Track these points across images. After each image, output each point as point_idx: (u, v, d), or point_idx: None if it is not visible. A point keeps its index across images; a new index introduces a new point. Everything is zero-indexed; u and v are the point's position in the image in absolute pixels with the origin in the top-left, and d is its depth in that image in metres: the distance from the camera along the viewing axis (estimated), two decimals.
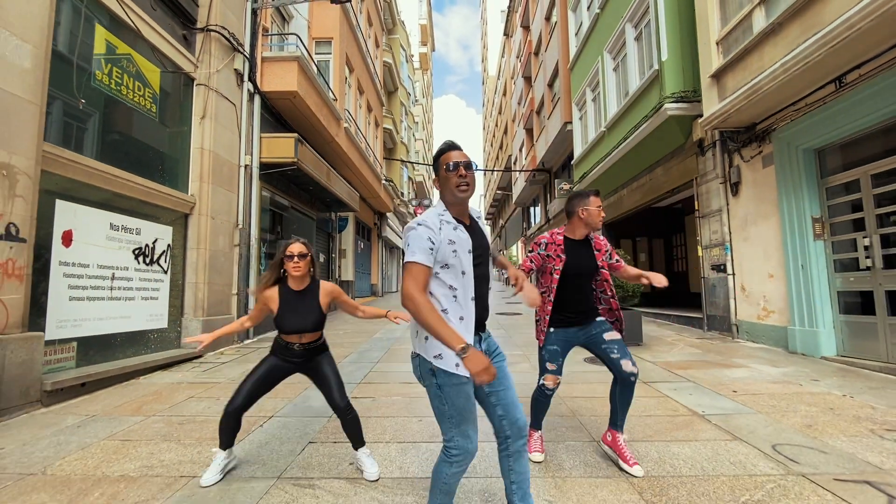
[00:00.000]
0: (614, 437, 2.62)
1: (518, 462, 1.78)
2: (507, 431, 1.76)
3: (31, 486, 2.40)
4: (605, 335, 2.60)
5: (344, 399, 2.52)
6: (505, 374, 1.80)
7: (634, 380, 2.54)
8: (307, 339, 2.55)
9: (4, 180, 3.49)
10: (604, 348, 2.58)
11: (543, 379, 2.68)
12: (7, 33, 3.56)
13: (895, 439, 2.90)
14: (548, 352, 2.66)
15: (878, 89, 4.52)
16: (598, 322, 2.66)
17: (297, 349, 2.54)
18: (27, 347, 3.61)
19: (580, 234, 2.65)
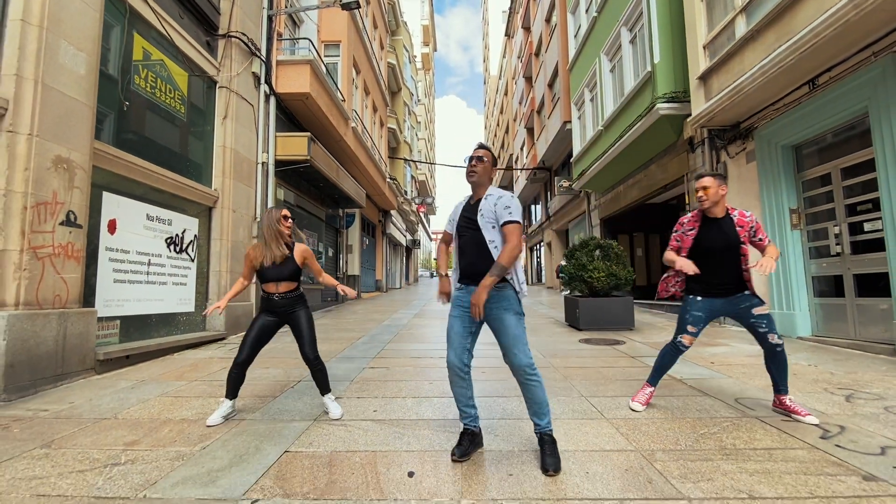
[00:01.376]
0: (780, 399, 2.91)
1: (525, 389, 2.29)
2: (509, 367, 2.31)
3: (107, 426, 2.88)
4: (755, 310, 2.82)
5: (314, 352, 3.01)
6: (504, 323, 2.28)
7: (781, 349, 2.81)
8: (283, 287, 3.01)
9: (66, 173, 3.97)
10: (752, 322, 2.83)
11: (681, 337, 2.96)
12: (66, 43, 4.04)
13: (843, 395, 3.36)
14: (692, 316, 2.93)
15: (846, 90, 4.96)
16: (744, 296, 2.86)
17: (277, 298, 2.99)
18: (84, 321, 4.10)
19: (713, 213, 2.87)
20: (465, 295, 2.38)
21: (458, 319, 2.38)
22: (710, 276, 2.89)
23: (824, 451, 2.34)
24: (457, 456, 2.27)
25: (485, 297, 2.15)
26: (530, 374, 2.25)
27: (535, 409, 2.28)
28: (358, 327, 7.74)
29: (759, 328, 2.83)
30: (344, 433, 2.71)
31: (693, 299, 2.97)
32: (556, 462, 2.15)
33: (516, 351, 2.25)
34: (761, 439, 2.52)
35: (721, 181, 2.88)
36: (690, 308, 2.96)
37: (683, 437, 2.57)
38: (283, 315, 3.05)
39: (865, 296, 5.04)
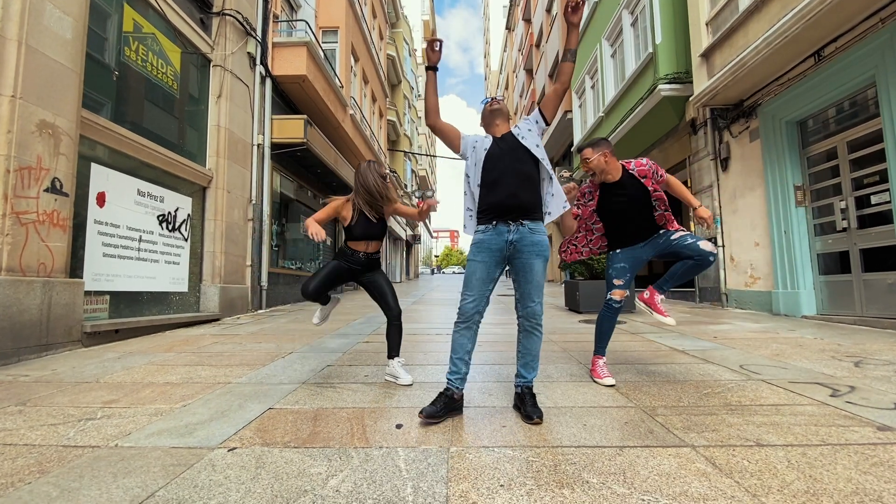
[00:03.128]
0: (652, 293, 2.83)
1: (527, 339, 2.21)
2: (521, 312, 2.22)
3: (87, 388, 2.77)
4: (673, 236, 2.72)
5: (398, 307, 2.91)
6: (532, 269, 2.17)
7: (713, 259, 2.60)
8: (372, 247, 2.92)
9: (50, 139, 3.86)
10: (675, 242, 2.69)
11: (610, 294, 2.87)
12: (52, 6, 3.93)
13: (852, 361, 3.24)
14: (614, 269, 2.87)
15: (852, 59, 4.84)
16: (661, 235, 2.81)
17: (363, 257, 2.88)
18: (70, 291, 3.99)
19: (608, 178, 2.82)
20: (494, 238, 2.17)
21: (482, 265, 2.17)
22: (623, 230, 2.87)
23: (835, 407, 2.22)
24: (425, 414, 2.02)
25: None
26: (539, 324, 2.19)
27: (527, 361, 2.19)
28: (356, 311, 7.64)
29: (687, 241, 2.64)
30: (332, 393, 2.60)
31: (613, 254, 2.93)
32: (540, 412, 2.06)
33: (537, 298, 2.18)
34: (768, 397, 2.41)
35: (601, 148, 2.78)
36: (612, 262, 2.91)
37: (687, 396, 2.45)
38: (359, 272, 2.93)
39: (872, 271, 4.92)
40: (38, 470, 1.62)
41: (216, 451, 1.78)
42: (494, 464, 1.63)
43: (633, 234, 2.86)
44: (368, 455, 1.72)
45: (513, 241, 2.16)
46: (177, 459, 1.70)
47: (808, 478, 1.48)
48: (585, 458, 1.67)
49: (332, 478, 1.54)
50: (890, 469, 1.54)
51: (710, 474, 1.52)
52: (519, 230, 2.16)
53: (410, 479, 1.52)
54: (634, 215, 2.82)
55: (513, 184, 2.16)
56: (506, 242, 2.16)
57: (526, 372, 2.19)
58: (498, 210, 2.17)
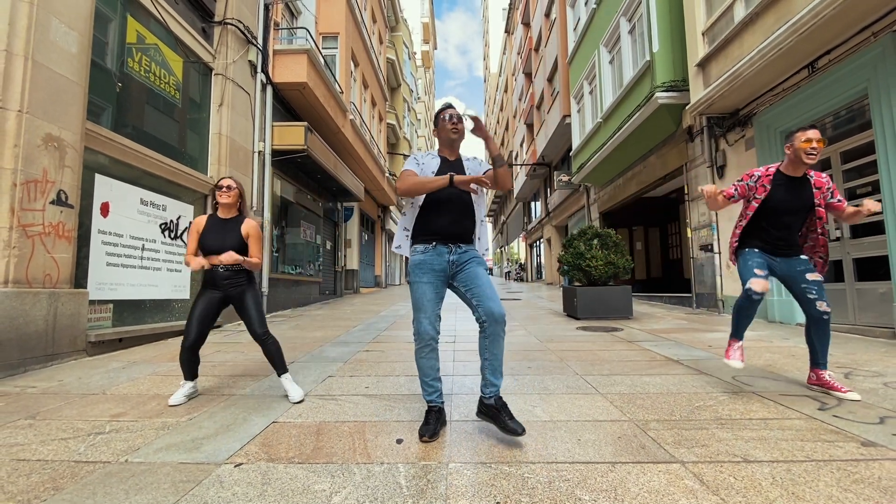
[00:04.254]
0: (818, 375, 2.75)
1: (493, 344, 2.16)
2: (483, 318, 2.16)
3: (95, 400, 2.84)
4: (808, 275, 2.68)
5: (262, 327, 2.82)
6: (478, 276, 2.23)
7: (828, 318, 2.65)
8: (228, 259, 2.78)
9: (56, 152, 3.93)
10: (803, 287, 2.67)
11: (750, 283, 2.65)
12: (57, 21, 4.00)
13: (842, 373, 3.30)
14: (754, 262, 2.70)
15: (845, 72, 4.91)
16: (801, 259, 2.73)
17: (222, 270, 2.78)
18: (75, 302, 4.05)
19: (795, 171, 2.67)
20: (436, 258, 2.25)
21: (430, 286, 2.22)
22: (773, 235, 2.74)
23: (822, 421, 2.29)
24: (428, 436, 2.10)
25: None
26: (503, 323, 2.16)
27: (496, 366, 2.16)
28: (355, 317, 7.70)
29: (810, 293, 2.67)
30: (334, 406, 2.66)
31: (750, 251, 2.80)
32: (521, 424, 2.05)
33: (496, 298, 2.18)
34: (757, 411, 2.48)
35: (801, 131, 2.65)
36: (750, 257, 2.76)
37: (679, 409, 2.52)
38: (227, 291, 2.83)
39: (865, 280, 4.99)
40: (52, 487, 1.69)
41: (223, 467, 1.84)
42: (491, 480, 1.70)
43: (782, 243, 2.75)
44: (370, 471, 1.79)
45: (453, 260, 2.26)
46: (185, 475, 1.77)
47: (791, 495, 1.55)
48: (579, 475, 1.74)
49: (335, 494, 1.60)
50: (870, 486, 1.61)
51: (698, 491, 1.59)
52: (457, 251, 2.28)
53: (411, 496, 1.59)
54: (791, 221, 2.72)
55: (458, 210, 2.27)
56: (447, 263, 2.25)
57: (495, 379, 2.17)
58: (441, 234, 2.26)
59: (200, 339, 2.78)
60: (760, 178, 2.78)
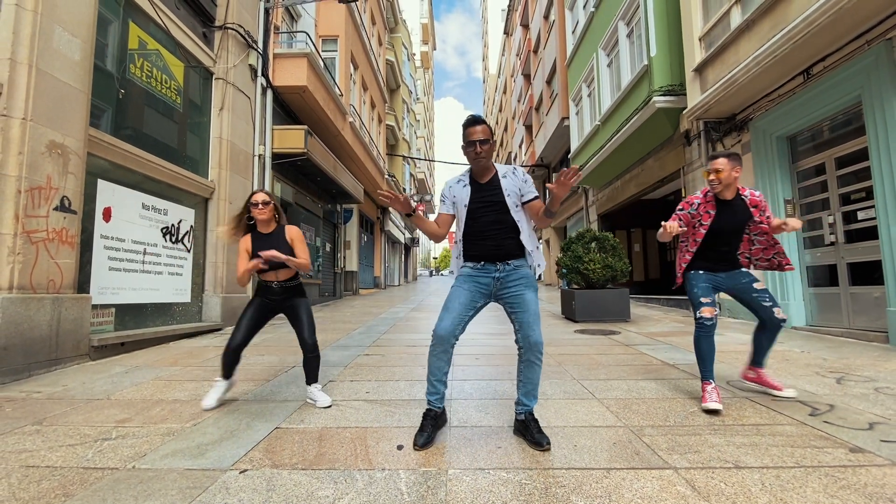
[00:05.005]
0: (759, 373, 2.92)
1: (528, 369, 2.23)
2: (521, 344, 2.23)
3: (100, 406, 2.88)
4: (755, 284, 2.82)
5: (312, 339, 2.88)
6: (526, 301, 2.23)
7: (783, 324, 2.81)
8: (283, 275, 2.87)
9: (60, 159, 3.97)
10: (755, 296, 2.81)
11: (700, 312, 2.81)
12: (60, 29, 4.04)
13: (834, 378, 3.37)
14: (699, 288, 2.85)
15: (839, 79, 4.97)
16: (742, 272, 2.88)
17: (276, 286, 2.85)
18: (78, 306, 4.10)
19: (725, 195, 2.81)
20: (482, 274, 2.27)
21: (466, 291, 2.26)
22: (714, 255, 2.87)
23: (812, 427, 2.35)
24: (420, 444, 2.11)
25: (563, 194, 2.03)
26: (540, 353, 2.22)
27: (529, 390, 2.24)
28: (355, 319, 7.75)
29: (764, 302, 2.80)
30: (335, 412, 2.71)
31: (695, 274, 2.92)
32: (547, 438, 2.12)
33: (536, 328, 2.20)
34: (750, 416, 2.53)
35: (735, 162, 2.77)
36: (695, 282, 2.90)
37: (673, 415, 2.58)
38: (280, 303, 2.91)
39: (859, 284, 5.06)
40: (62, 493, 1.73)
41: (228, 473, 1.89)
42: (489, 486, 1.75)
43: (720, 258, 2.88)
44: (372, 478, 1.84)
45: (499, 277, 2.26)
46: (192, 482, 1.82)
47: (780, 501, 1.61)
48: (574, 481, 1.79)
49: (338, 501, 1.65)
50: (856, 492, 1.67)
51: (689, 497, 1.64)
52: (505, 268, 2.27)
53: (412, 502, 1.64)
54: (731, 240, 2.86)
55: (499, 234, 2.27)
56: (492, 279, 2.26)
57: (528, 400, 2.26)
58: (490, 255, 2.27)
59: (245, 342, 2.86)
60: (701, 205, 2.88)
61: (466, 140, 2.22)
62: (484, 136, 2.19)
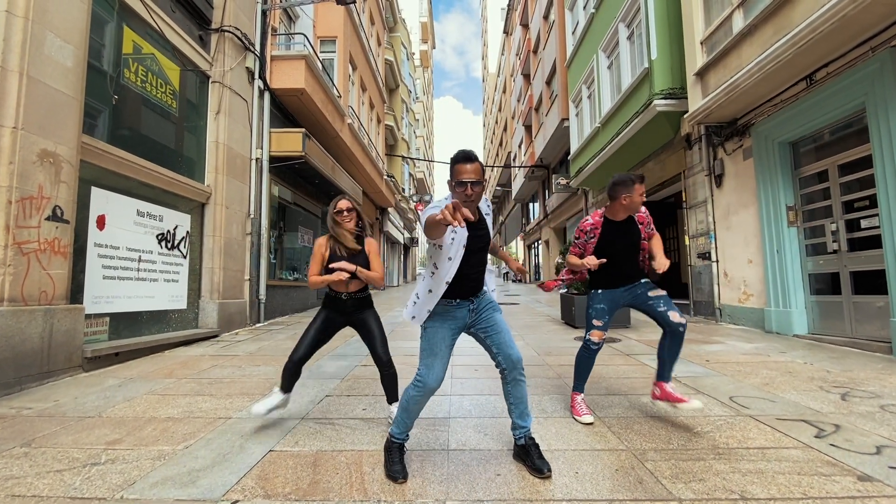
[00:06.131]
0: (662, 388, 2.78)
1: (515, 388, 2.19)
2: (504, 365, 2.18)
3: (90, 425, 2.82)
4: (650, 292, 2.81)
5: (387, 354, 2.75)
6: (497, 322, 2.21)
7: (683, 330, 2.69)
8: (353, 287, 2.72)
9: (52, 167, 3.90)
10: (650, 304, 2.78)
11: (589, 334, 2.88)
12: (52, 35, 3.97)
13: (839, 393, 3.31)
14: (595, 310, 2.88)
15: (843, 86, 4.91)
16: (642, 283, 2.88)
17: (346, 298, 2.71)
18: (71, 317, 4.03)
19: (621, 217, 2.84)
20: (457, 309, 2.14)
21: (448, 331, 2.12)
22: (613, 269, 2.88)
23: (818, 451, 2.30)
24: (402, 478, 2.03)
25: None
26: (523, 369, 2.20)
27: (522, 410, 2.21)
28: None
29: (659, 307, 2.75)
30: (331, 432, 2.66)
31: (595, 293, 2.94)
32: (548, 464, 2.07)
33: (513, 345, 2.19)
34: (755, 438, 2.48)
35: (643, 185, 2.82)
36: (593, 302, 2.93)
37: (676, 437, 2.52)
38: (350, 316, 2.77)
39: (862, 293, 5.00)
40: None
41: None
42: None
43: (620, 276, 2.90)
44: None
45: (473, 309, 2.19)
46: None
47: None
48: None
49: None
50: None
51: None
52: (476, 301, 2.19)
53: None
54: (628, 257, 2.89)
55: (480, 271, 2.19)
56: (468, 311, 2.17)
57: (524, 422, 2.21)
58: (468, 291, 2.16)
59: (308, 356, 2.73)
60: (591, 230, 2.87)
61: (456, 179, 2.00)
62: (476, 176, 1.99)
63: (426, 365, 2.11)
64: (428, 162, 37.20)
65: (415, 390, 2.12)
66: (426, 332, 2.14)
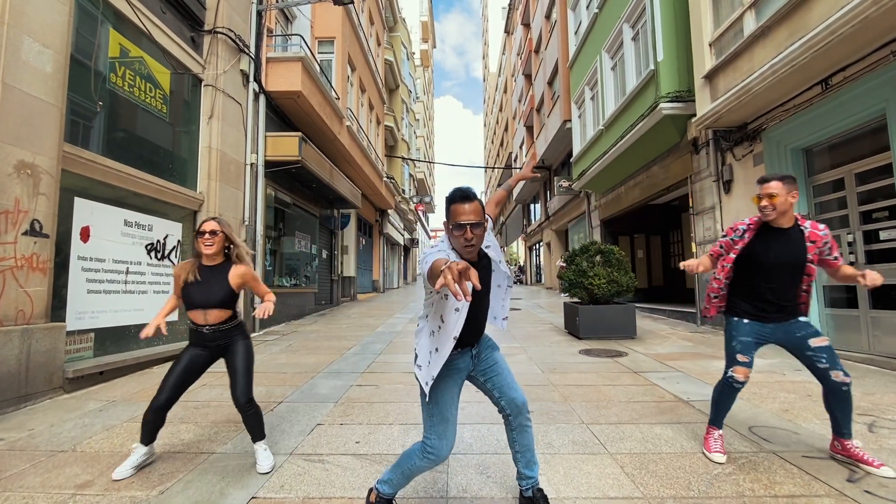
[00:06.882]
0: (843, 445, 2.46)
1: (521, 435, 1.97)
2: (507, 410, 1.96)
3: (62, 462, 2.62)
4: (812, 341, 2.40)
5: (246, 394, 2.51)
6: (497, 362, 2.00)
7: (847, 389, 2.35)
8: (213, 317, 2.52)
9: (29, 179, 3.70)
10: (809, 356, 2.41)
11: (732, 371, 2.48)
12: (30, 39, 3.76)
13: (865, 423, 3.10)
14: (740, 343, 2.49)
15: (861, 91, 4.69)
16: (801, 323, 2.46)
17: (207, 331, 2.51)
18: (50, 337, 3.83)
19: (778, 223, 2.41)
20: (460, 359, 1.88)
21: (455, 387, 1.86)
22: (762, 295, 2.46)
23: (853, 500, 2.09)
24: None
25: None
26: (529, 413, 1.99)
27: (528, 458, 1.99)
28: (350, 334, 7.49)
29: (819, 363, 2.38)
30: (321, 473, 2.45)
31: (738, 322, 2.53)
32: None
33: (516, 386, 1.98)
34: (783, 483, 2.26)
35: (791, 186, 2.36)
36: (736, 333, 2.51)
37: (696, 480, 2.31)
38: (217, 349, 2.58)
39: (880, 307, 4.79)
40: None
41: None
42: None
43: (771, 305, 2.46)
44: None
45: (475, 354, 1.95)
46: None
47: None
48: None
49: None
50: None
51: None
52: (477, 345, 1.96)
53: None
54: (782, 280, 2.43)
55: (486, 317, 2.00)
56: (471, 358, 1.93)
57: (531, 471, 2.00)
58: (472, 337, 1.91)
59: (173, 400, 2.51)
60: (746, 231, 2.51)
61: (454, 221, 1.70)
62: (476, 217, 1.69)
63: (437, 434, 1.80)
64: (428, 163, 36.97)
65: (424, 461, 1.82)
66: (433, 394, 1.81)
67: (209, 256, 2.58)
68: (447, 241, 1.81)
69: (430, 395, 1.80)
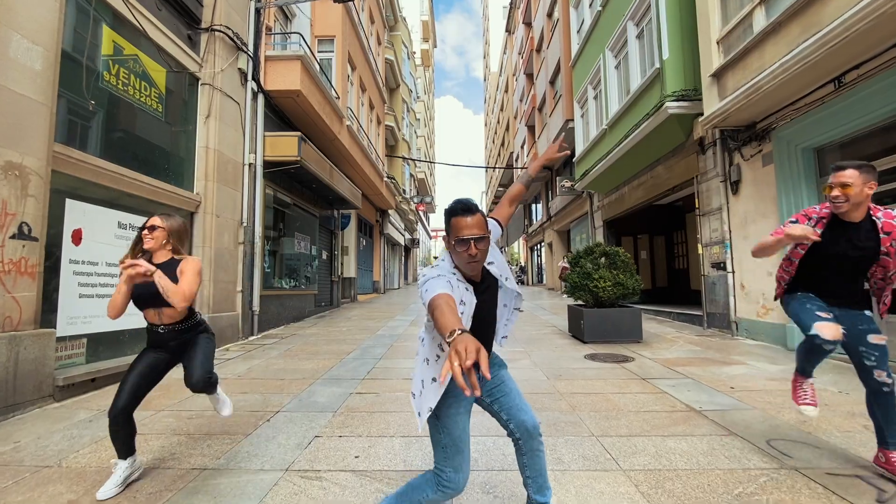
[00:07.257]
0: (888, 456, 2.32)
1: (532, 460, 1.83)
2: (517, 434, 1.82)
3: (47, 478, 2.49)
4: (871, 336, 2.29)
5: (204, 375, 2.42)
6: (503, 381, 1.86)
7: (889, 390, 2.26)
8: (167, 317, 2.42)
9: (17, 181, 3.57)
10: (861, 351, 2.30)
11: (816, 328, 2.16)
12: (18, 36, 3.63)
13: None
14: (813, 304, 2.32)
15: (876, 89, 4.55)
16: (864, 316, 2.34)
17: (163, 331, 2.42)
18: (40, 344, 3.70)
19: (850, 216, 2.25)
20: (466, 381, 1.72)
21: (465, 414, 1.71)
22: (826, 286, 2.37)
23: None
24: None
25: None
26: (541, 436, 1.84)
27: (540, 483, 1.86)
28: (350, 338, 7.35)
29: (868, 360, 2.28)
30: (318, 491, 2.31)
31: (804, 294, 2.41)
32: None
33: (527, 408, 1.83)
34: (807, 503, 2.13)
35: (869, 175, 2.16)
36: (807, 299, 2.36)
37: (717, 501, 2.17)
38: (176, 350, 2.48)
39: (894, 312, 4.64)
40: None
41: None
42: None
43: (835, 296, 2.36)
44: None
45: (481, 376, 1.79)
46: None
47: None
48: None
49: None
50: None
51: None
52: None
53: None
54: (848, 273, 2.33)
55: (490, 344, 1.85)
56: (479, 380, 1.75)
57: (542, 497, 1.87)
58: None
59: (132, 404, 2.31)
60: (819, 222, 2.33)
61: (456, 236, 1.58)
62: (480, 231, 1.58)
63: (453, 467, 1.64)
64: (429, 163, 36.83)
65: (440, 495, 1.65)
66: (442, 423, 1.66)
67: (153, 253, 2.45)
68: (448, 261, 1.68)
69: (437, 422, 1.66)
